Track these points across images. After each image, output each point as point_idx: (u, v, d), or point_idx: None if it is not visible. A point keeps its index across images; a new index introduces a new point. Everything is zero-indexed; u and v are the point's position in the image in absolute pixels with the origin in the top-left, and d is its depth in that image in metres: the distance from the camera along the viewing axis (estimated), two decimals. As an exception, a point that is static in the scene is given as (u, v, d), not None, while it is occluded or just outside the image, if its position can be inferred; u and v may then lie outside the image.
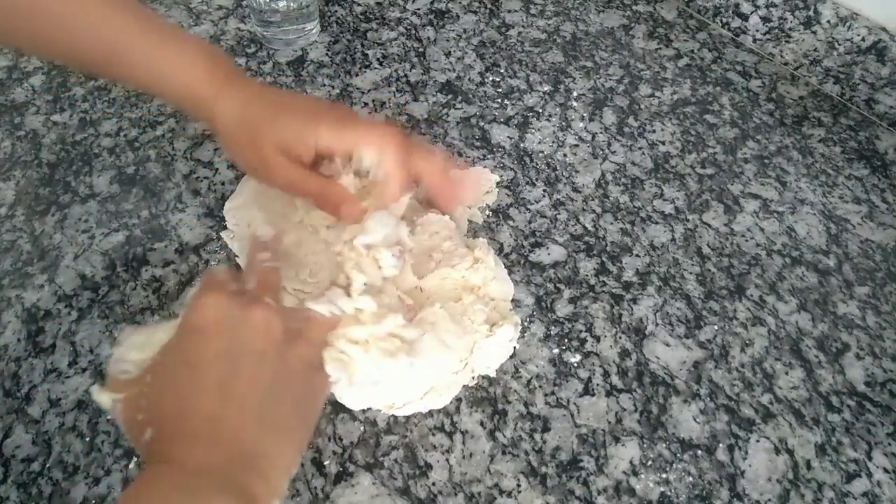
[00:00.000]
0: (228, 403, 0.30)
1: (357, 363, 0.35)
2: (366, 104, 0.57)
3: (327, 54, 0.61)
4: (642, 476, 0.38)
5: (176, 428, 0.30)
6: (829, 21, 0.59)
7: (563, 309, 0.45)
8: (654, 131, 0.57)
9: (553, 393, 0.41)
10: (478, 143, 0.54)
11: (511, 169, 0.53)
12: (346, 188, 0.40)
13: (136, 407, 0.31)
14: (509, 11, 0.67)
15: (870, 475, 0.39)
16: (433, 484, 0.37)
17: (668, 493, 0.37)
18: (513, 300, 0.44)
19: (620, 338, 0.44)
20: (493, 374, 0.41)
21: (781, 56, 0.64)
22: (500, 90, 0.59)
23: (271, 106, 0.39)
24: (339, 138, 0.38)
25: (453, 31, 0.64)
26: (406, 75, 0.60)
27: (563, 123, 0.57)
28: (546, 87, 0.59)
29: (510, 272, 0.45)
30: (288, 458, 0.32)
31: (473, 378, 0.41)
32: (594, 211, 0.51)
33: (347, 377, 0.35)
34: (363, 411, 0.39)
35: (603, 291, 0.46)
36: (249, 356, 0.32)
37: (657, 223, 0.50)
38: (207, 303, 0.32)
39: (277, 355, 0.33)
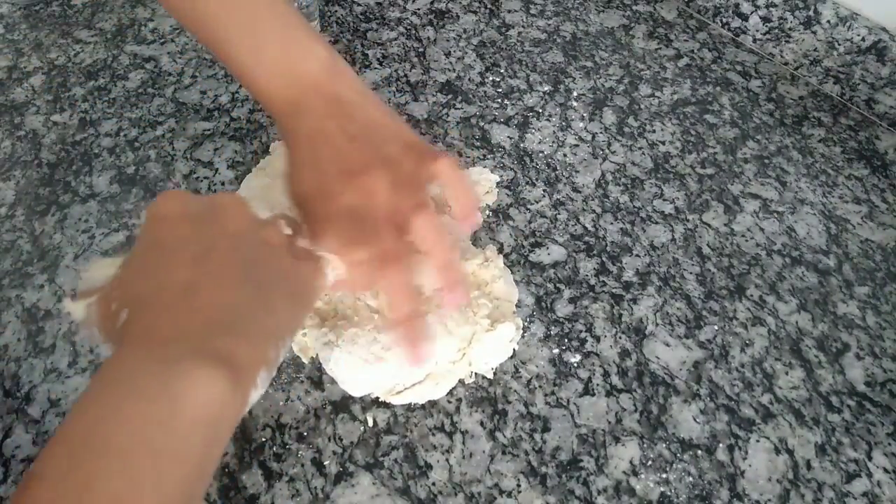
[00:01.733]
0: (204, 273, 0.28)
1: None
2: (366, 104, 0.57)
3: (327, 54, 0.61)
4: (642, 476, 0.38)
5: (148, 302, 0.27)
6: (829, 21, 0.59)
7: (563, 309, 0.45)
8: (654, 131, 0.57)
9: (553, 393, 0.41)
10: (478, 143, 0.54)
11: (511, 169, 0.53)
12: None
13: (111, 298, 0.29)
14: (509, 11, 0.67)
15: (870, 475, 0.39)
16: (433, 484, 0.37)
17: (668, 493, 0.37)
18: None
19: (620, 338, 0.44)
20: (491, 375, 0.41)
21: (781, 56, 0.64)
22: (500, 90, 0.59)
23: (341, 171, 0.36)
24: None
25: (453, 31, 0.64)
26: (406, 75, 0.60)
27: (563, 123, 0.57)
28: (546, 87, 0.59)
29: (510, 272, 0.45)
30: (278, 325, 0.29)
31: (471, 375, 0.41)
32: (594, 211, 0.51)
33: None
34: (363, 409, 0.39)
35: (603, 291, 0.46)
36: (223, 235, 0.29)
37: (657, 223, 0.50)
38: (168, 196, 0.31)
39: (253, 233, 0.31)
